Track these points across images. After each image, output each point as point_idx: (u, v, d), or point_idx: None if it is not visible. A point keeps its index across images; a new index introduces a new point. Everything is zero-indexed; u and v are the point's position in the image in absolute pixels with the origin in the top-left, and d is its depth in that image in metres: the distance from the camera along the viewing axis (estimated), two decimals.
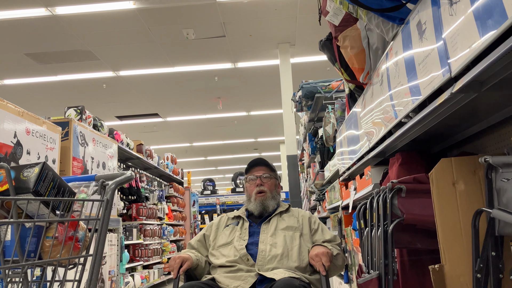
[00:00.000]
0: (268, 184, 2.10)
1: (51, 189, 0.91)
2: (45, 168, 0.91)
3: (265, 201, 2.05)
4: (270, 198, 2.06)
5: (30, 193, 0.89)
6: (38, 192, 0.89)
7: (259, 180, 2.09)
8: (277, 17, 6.61)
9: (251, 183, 2.09)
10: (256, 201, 2.04)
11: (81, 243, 0.96)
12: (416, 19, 1.29)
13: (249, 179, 2.12)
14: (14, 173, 0.91)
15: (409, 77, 1.39)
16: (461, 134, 1.72)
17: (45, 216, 0.92)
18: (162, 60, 7.97)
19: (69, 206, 0.95)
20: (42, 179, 0.90)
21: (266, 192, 2.07)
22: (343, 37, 2.02)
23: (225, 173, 21.46)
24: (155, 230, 7.09)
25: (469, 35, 0.98)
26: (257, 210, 2.02)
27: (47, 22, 6.31)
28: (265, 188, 2.08)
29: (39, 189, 0.89)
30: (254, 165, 2.15)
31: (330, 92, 4.21)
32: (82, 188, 1.01)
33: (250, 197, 2.07)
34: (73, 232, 0.94)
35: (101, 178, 1.02)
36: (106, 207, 0.95)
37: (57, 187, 0.93)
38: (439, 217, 1.34)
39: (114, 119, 11.41)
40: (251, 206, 2.04)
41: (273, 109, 11.23)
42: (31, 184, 0.89)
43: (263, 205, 2.03)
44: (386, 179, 1.95)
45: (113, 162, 4.12)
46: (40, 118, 2.85)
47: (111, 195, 0.97)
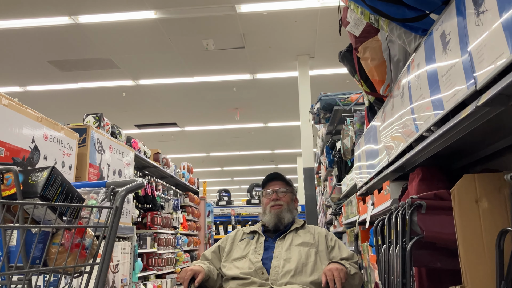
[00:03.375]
0: (284, 198, 2.09)
1: (59, 194, 0.90)
2: (54, 173, 0.90)
3: (280, 213, 2.03)
4: (286, 210, 2.05)
5: (38, 198, 0.87)
6: (45, 197, 0.87)
7: (275, 195, 2.09)
8: (297, 29, 6.61)
9: (267, 197, 2.08)
10: (271, 213, 2.03)
11: (87, 250, 0.93)
12: (440, 30, 1.25)
13: (266, 193, 2.12)
14: (23, 176, 0.90)
15: (431, 90, 1.35)
16: (485, 150, 1.66)
17: (51, 221, 0.90)
18: (181, 70, 8.03)
19: (77, 212, 0.93)
20: (50, 183, 0.88)
21: (283, 204, 2.06)
22: (363, 48, 1.99)
23: (241, 184, 21.42)
24: (169, 240, 7.07)
25: (496, 46, 0.94)
26: (272, 222, 2.00)
27: (70, 30, 6.42)
28: (281, 202, 2.07)
29: (47, 194, 0.88)
30: (270, 180, 2.15)
31: (349, 104, 4.16)
32: (91, 194, 0.99)
33: (265, 210, 2.05)
34: (80, 239, 0.92)
35: (112, 185, 1.00)
36: (115, 214, 0.93)
37: (66, 192, 0.91)
38: (461, 235, 1.29)
39: (133, 127, 11.52)
40: (266, 218, 2.02)
41: (291, 121, 11.19)
42: (39, 189, 0.87)
43: (278, 217, 2.01)
44: (405, 194, 1.89)
45: (129, 170, 4.13)
46: (58, 124, 2.87)
47: (120, 202, 0.95)
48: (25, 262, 0.84)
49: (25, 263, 0.84)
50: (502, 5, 0.91)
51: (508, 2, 0.88)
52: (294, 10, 6.05)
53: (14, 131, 2.37)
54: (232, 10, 5.99)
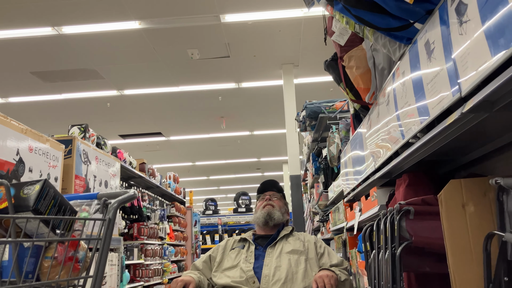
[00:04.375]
0: (277, 202, 2.17)
1: (51, 207, 0.89)
2: (46, 186, 0.89)
3: (271, 211, 2.12)
4: (277, 210, 2.14)
5: (30, 211, 0.86)
6: (38, 210, 0.86)
7: (268, 197, 2.18)
8: (281, 38, 6.67)
9: (261, 201, 2.16)
10: (263, 210, 2.12)
11: (81, 263, 0.93)
12: (424, 39, 1.28)
13: (261, 198, 2.19)
14: (14, 190, 0.88)
15: (416, 97, 1.38)
16: (469, 155, 1.69)
17: (44, 235, 0.89)
18: (166, 79, 8.01)
19: (70, 225, 0.92)
20: (43, 196, 0.87)
21: (275, 206, 2.15)
22: (348, 57, 2.02)
23: (227, 193, 21.36)
24: (156, 250, 7.01)
25: (480, 54, 0.97)
26: (262, 217, 2.08)
27: (53, 41, 6.37)
28: (273, 203, 2.17)
29: (39, 207, 0.87)
30: (267, 188, 2.23)
31: (333, 112, 4.20)
32: (84, 206, 0.98)
33: (257, 211, 2.13)
34: (73, 252, 0.91)
35: (104, 197, 0.99)
36: (108, 226, 0.92)
37: (58, 205, 0.91)
38: (449, 240, 1.31)
39: (118, 137, 11.43)
40: (257, 215, 2.10)
41: (276, 129, 11.23)
42: (31, 202, 0.86)
43: (269, 214, 2.11)
44: (393, 200, 1.92)
45: (115, 181, 4.09)
46: (43, 135, 2.84)
47: (113, 214, 0.94)
48: (18, 277, 0.83)
49: (18, 278, 0.83)
50: (484, 15, 0.93)
51: (490, 12, 0.91)
52: (278, 19, 6.10)
53: None
54: (216, 20, 6.02)
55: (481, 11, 0.95)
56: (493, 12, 0.90)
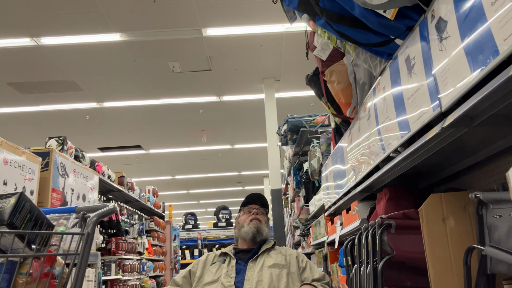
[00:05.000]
0: (262, 217, 2.18)
1: (27, 221, 0.85)
2: (22, 199, 0.86)
3: (260, 226, 2.11)
4: (264, 226, 2.14)
5: (4, 226, 0.83)
6: (13, 224, 0.83)
7: (255, 210, 2.17)
8: (263, 53, 6.71)
9: (248, 213, 2.14)
10: (250, 225, 2.10)
11: (57, 280, 0.89)
12: (405, 54, 1.30)
13: (247, 210, 2.17)
14: None
15: (397, 112, 1.39)
16: (448, 169, 1.71)
17: (19, 250, 0.85)
18: (147, 92, 7.96)
19: (46, 240, 0.89)
20: (18, 210, 0.84)
21: (262, 221, 2.15)
22: (329, 72, 2.04)
23: (207, 207, 21.19)
24: (134, 266, 6.87)
25: (459, 70, 0.98)
26: (251, 233, 2.07)
27: (31, 52, 6.27)
28: (260, 218, 2.16)
29: (14, 221, 0.83)
30: (253, 201, 2.22)
31: (314, 126, 4.23)
32: (61, 220, 0.95)
33: (243, 225, 2.11)
34: (49, 268, 0.87)
35: (82, 210, 0.96)
36: (87, 241, 0.89)
37: (34, 219, 0.87)
38: (430, 254, 1.32)
39: (96, 150, 11.26)
40: (245, 230, 2.08)
41: (257, 142, 11.24)
42: (6, 216, 0.82)
43: (257, 229, 2.09)
44: (374, 214, 1.92)
45: (93, 194, 4.02)
46: (20, 148, 2.78)
47: (92, 228, 0.92)
48: None
49: None
50: (464, 31, 0.95)
51: (469, 29, 0.93)
52: (260, 34, 6.15)
53: None
54: (198, 34, 6.03)
55: (461, 28, 0.96)
56: (472, 29, 0.92)
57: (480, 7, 0.88)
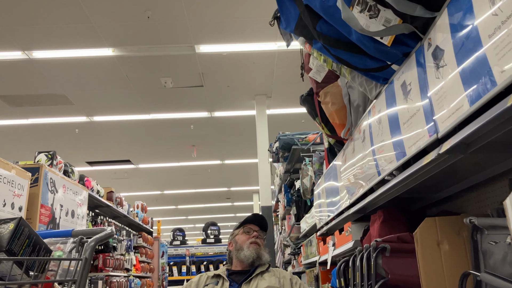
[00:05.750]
0: (261, 241, 2.17)
1: (25, 247, 0.84)
2: (21, 225, 0.84)
3: (259, 251, 2.09)
4: (263, 250, 2.13)
5: (3, 252, 0.81)
6: (11, 250, 0.81)
7: (256, 234, 2.15)
8: (255, 70, 6.76)
9: (248, 234, 2.11)
10: (251, 249, 2.08)
11: None
12: (401, 80, 1.32)
13: (247, 230, 2.14)
14: None
15: (393, 135, 1.40)
16: (441, 193, 1.73)
17: (16, 277, 0.84)
18: (138, 107, 7.94)
19: (44, 265, 0.87)
20: (17, 236, 0.82)
21: (261, 246, 2.13)
22: (324, 93, 2.06)
23: (196, 223, 21.00)
24: (121, 283, 6.76)
25: (456, 98, 1.00)
26: (251, 257, 2.05)
27: (22, 65, 6.24)
28: (259, 242, 2.15)
29: (13, 247, 0.82)
30: (255, 221, 2.20)
31: (306, 144, 4.24)
32: (58, 245, 0.94)
33: (242, 246, 2.08)
34: None
35: (79, 234, 0.95)
36: (84, 266, 0.88)
37: (33, 244, 0.86)
38: (424, 278, 1.32)
39: (85, 164, 11.16)
40: (245, 253, 2.05)
41: (248, 158, 11.23)
42: (5, 242, 0.81)
43: (258, 254, 2.08)
44: (367, 236, 1.92)
45: (82, 210, 3.97)
46: (9, 163, 2.74)
47: (90, 253, 0.90)
48: None
49: None
50: (460, 60, 0.97)
51: (466, 57, 0.95)
52: (252, 52, 6.20)
53: None
54: (191, 50, 6.06)
55: (457, 57, 0.98)
56: (469, 58, 0.94)
57: (477, 38, 0.90)
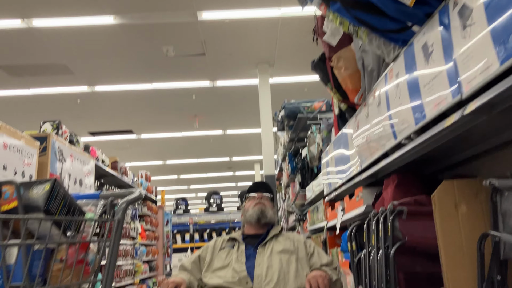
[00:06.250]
0: (267, 203, 2.17)
1: (62, 208, 0.84)
2: (57, 185, 0.84)
3: (264, 209, 2.12)
4: (269, 209, 2.15)
5: (41, 212, 0.81)
6: (49, 211, 0.82)
7: (259, 196, 2.17)
8: (258, 37, 6.66)
9: (252, 200, 2.14)
10: (255, 208, 2.12)
11: (91, 266, 0.89)
12: (422, 41, 1.29)
13: (251, 197, 2.17)
14: (23, 190, 0.83)
15: (412, 99, 1.39)
16: (456, 156, 1.72)
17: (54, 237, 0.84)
18: (139, 76, 7.87)
19: (79, 226, 0.88)
20: (54, 197, 0.83)
21: (266, 205, 2.15)
22: (337, 57, 2.03)
23: (198, 192, 21.20)
24: (127, 250, 6.87)
25: (484, 57, 0.98)
26: (255, 215, 2.09)
27: (22, 34, 6.14)
28: (265, 202, 2.17)
29: (50, 208, 0.82)
30: (257, 189, 2.24)
31: (312, 112, 4.22)
32: (89, 207, 0.94)
33: (248, 209, 2.12)
34: (84, 255, 0.87)
35: (108, 197, 0.95)
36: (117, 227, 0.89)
37: (68, 205, 0.86)
38: (442, 240, 1.33)
39: (87, 135, 11.15)
40: (249, 213, 2.09)
41: (250, 128, 11.22)
42: (42, 203, 0.81)
43: (262, 211, 2.11)
44: (380, 200, 1.93)
45: (90, 179, 3.99)
46: (18, 132, 2.74)
47: (122, 214, 0.91)
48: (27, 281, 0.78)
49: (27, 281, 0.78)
50: (491, 17, 0.94)
51: (497, 15, 0.92)
52: (256, 18, 6.09)
53: None
54: (193, 17, 5.95)
55: (488, 14, 0.96)
56: (501, 15, 0.91)
57: None
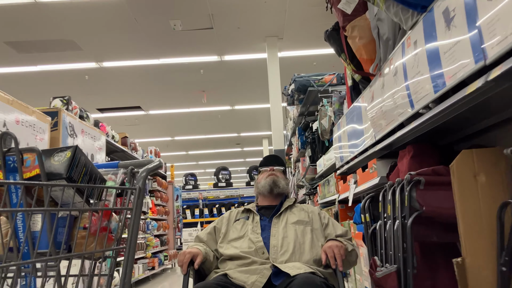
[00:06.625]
0: (279, 174, 2.18)
1: (83, 175, 0.84)
2: (78, 153, 0.84)
3: (276, 179, 2.12)
4: (281, 179, 2.14)
5: (63, 179, 0.81)
6: (71, 178, 0.81)
7: (271, 168, 2.18)
8: (266, 10, 6.55)
9: (264, 173, 2.14)
10: (267, 179, 2.11)
11: (114, 234, 0.89)
12: (442, 6, 1.25)
13: (263, 170, 2.17)
14: (44, 157, 0.83)
15: (431, 67, 1.36)
16: (472, 127, 1.70)
17: (76, 204, 0.84)
18: (147, 51, 7.81)
19: (100, 194, 0.88)
20: (75, 164, 0.82)
21: (278, 176, 2.15)
22: (351, 27, 1.99)
23: (206, 168, 21.31)
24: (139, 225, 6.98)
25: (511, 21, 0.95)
26: (268, 185, 2.09)
27: (29, 9, 6.10)
28: (276, 173, 2.17)
29: (73, 175, 0.81)
30: (268, 163, 2.24)
31: (322, 85, 4.18)
32: (109, 175, 0.94)
33: (260, 181, 2.14)
34: (107, 223, 0.87)
35: (128, 166, 0.95)
36: (139, 195, 0.88)
37: (89, 173, 0.86)
38: (460, 209, 1.32)
39: (95, 111, 11.18)
40: (261, 185, 2.11)
41: (258, 103, 11.16)
42: (64, 170, 0.81)
43: (274, 181, 2.10)
44: (394, 172, 1.92)
45: (101, 155, 4.01)
46: (29, 107, 2.74)
47: (143, 183, 0.90)
48: (52, 248, 0.78)
49: (52, 248, 0.78)
50: None
51: None
52: None
53: None
54: None
55: None
56: None
57: None
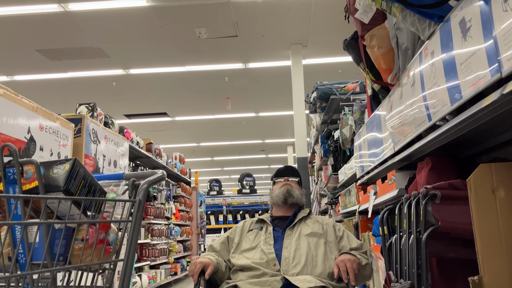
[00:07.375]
0: (294, 184, 2.16)
1: (82, 188, 0.85)
2: (76, 165, 0.85)
3: (290, 189, 2.10)
4: (296, 189, 2.13)
5: (60, 192, 0.82)
6: (69, 190, 0.82)
7: (286, 178, 2.17)
8: (291, 18, 6.55)
9: (278, 184, 2.13)
10: (281, 189, 2.10)
11: (112, 246, 0.89)
12: (459, 17, 1.22)
13: (278, 181, 2.15)
14: (43, 169, 0.84)
15: (447, 78, 1.32)
16: (493, 139, 1.64)
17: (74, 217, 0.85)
18: (173, 59, 7.93)
19: (99, 206, 0.89)
20: (73, 176, 0.83)
21: (293, 186, 2.14)
22: (370, 36, 1.96)
23: (231, 174, 21.40)
24: (162, 230, 7.04)
25: None
26: (282, 195, 2.07)
27: (59, 18, 6.28)
28: (290, 183, 2.16)
29: (70, 187, 0.83)
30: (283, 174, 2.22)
31: (345, 94, 4.14)
32: (111, 187, 0.95)
33: (274, 191, 2.14)
34: (105, 235, 0.87)
35: (131, 177, 0.95)
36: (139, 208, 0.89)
37: (88, 185, 0.87)
38: (478, 225, 1.27)
39: (123, 117, 11.39)
40: (275, 194, 2.09)
41: (282, 110, 11.15)
42: (62, 182, 0.82)
43: (288, 191, 2.09)
44: (413, 184, 1.88)
45: (124, 161, 4.07)
46: (54, 114, 2.81)
47: (143, 195, 0.91)
48: (49, 260, 0.79)
49: (49, 260, 0.79)
50: None
51: None
52: None
53: (10, 121, 2.31)
54: None
55: None
56: None
57: None
